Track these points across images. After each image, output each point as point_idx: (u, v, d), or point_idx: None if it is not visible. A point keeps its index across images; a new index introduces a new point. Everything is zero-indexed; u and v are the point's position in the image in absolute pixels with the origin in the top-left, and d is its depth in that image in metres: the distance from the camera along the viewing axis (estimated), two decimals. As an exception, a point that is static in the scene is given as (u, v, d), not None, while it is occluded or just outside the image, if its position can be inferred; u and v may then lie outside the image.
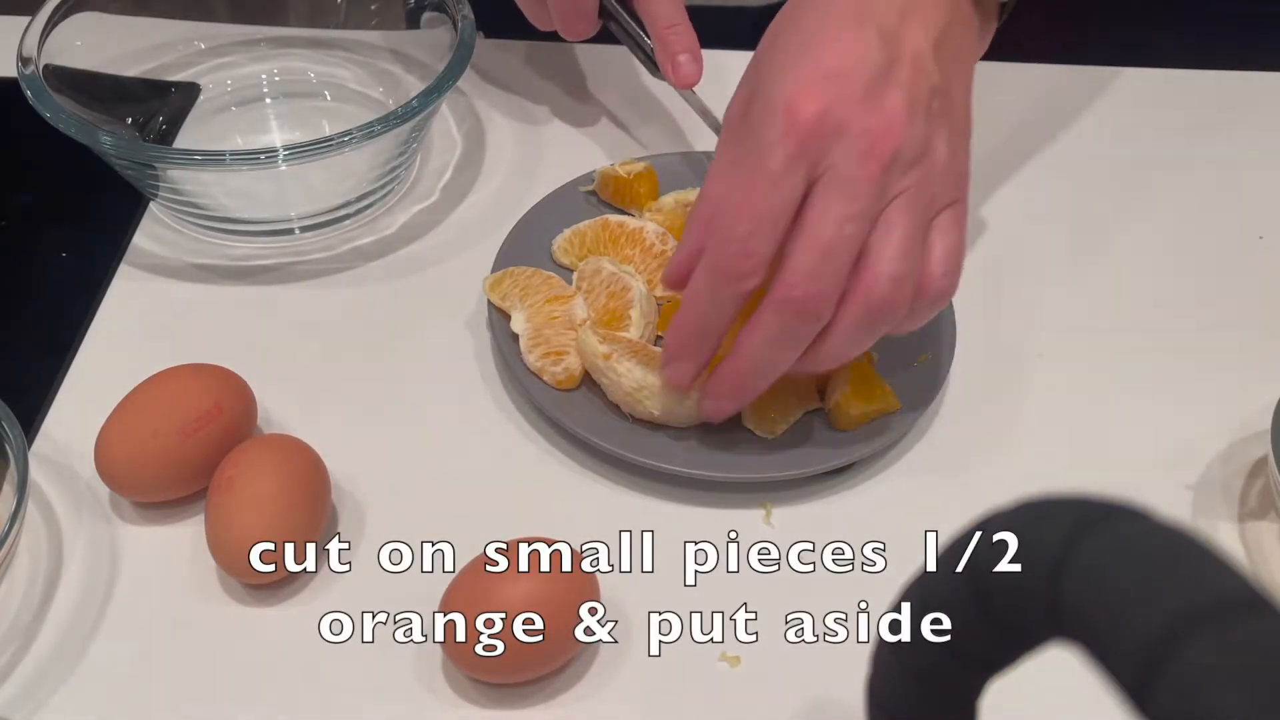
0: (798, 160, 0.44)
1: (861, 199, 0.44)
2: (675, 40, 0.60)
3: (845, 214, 0.44)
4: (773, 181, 0.44)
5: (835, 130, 0.44)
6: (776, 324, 0.45)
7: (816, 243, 0.44)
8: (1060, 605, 0.23)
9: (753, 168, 0.45)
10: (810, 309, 0.45)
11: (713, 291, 0.46)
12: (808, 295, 0.44)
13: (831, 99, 0.44)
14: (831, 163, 0.44)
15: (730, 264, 0.45)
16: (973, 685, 0.28)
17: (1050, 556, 0.23)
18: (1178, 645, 0.20)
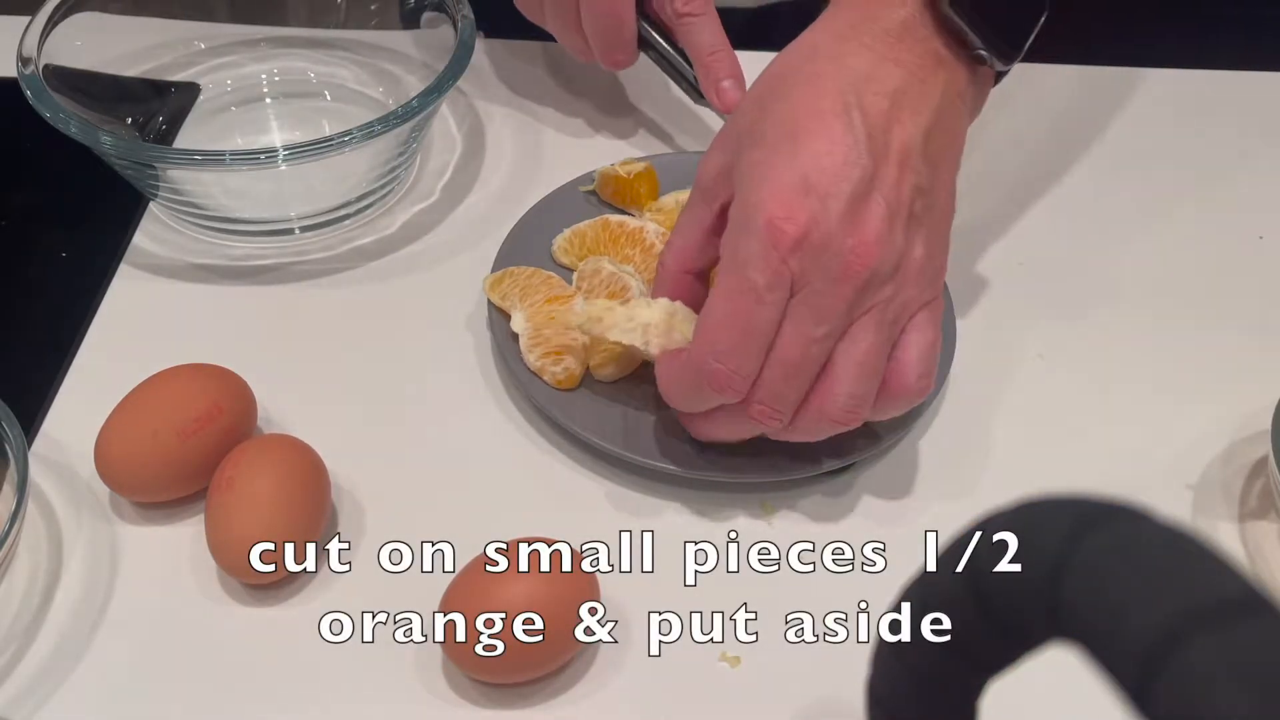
0: (779, 279, 0.45)
1: (830, 320, 0.45)
2: (719, 66, 0.61)
3: (812, 336, 0.45)
4: (758, 298, 0.45)
5: (816, 250, 0.45)
6: (731, 418, 0.48)
7: (784, 365, 0.46)
8: (1060, 605, 0.23)
9: (738, 282, 0.45)
10: (766, 420, 0.47)
11: (694, 389, 0.48)
12: (764, 412, 0.47)
13: (812, 216, 0.45)
14: (808, 281, 0.45)
15: (716, 382, 0.46)
16: (973, 685, 0.28)
17: (1050, 556, 0.23)
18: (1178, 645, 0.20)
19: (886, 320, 0.46)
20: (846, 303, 0.45)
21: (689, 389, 0.48)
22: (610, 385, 0.54)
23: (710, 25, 0.61)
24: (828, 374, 0.46)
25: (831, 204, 0.45)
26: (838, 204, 0.45)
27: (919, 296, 0.48)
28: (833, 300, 0.45)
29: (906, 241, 0.46)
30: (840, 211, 0.45)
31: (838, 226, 0.45)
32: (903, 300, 0.47)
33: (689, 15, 0.61)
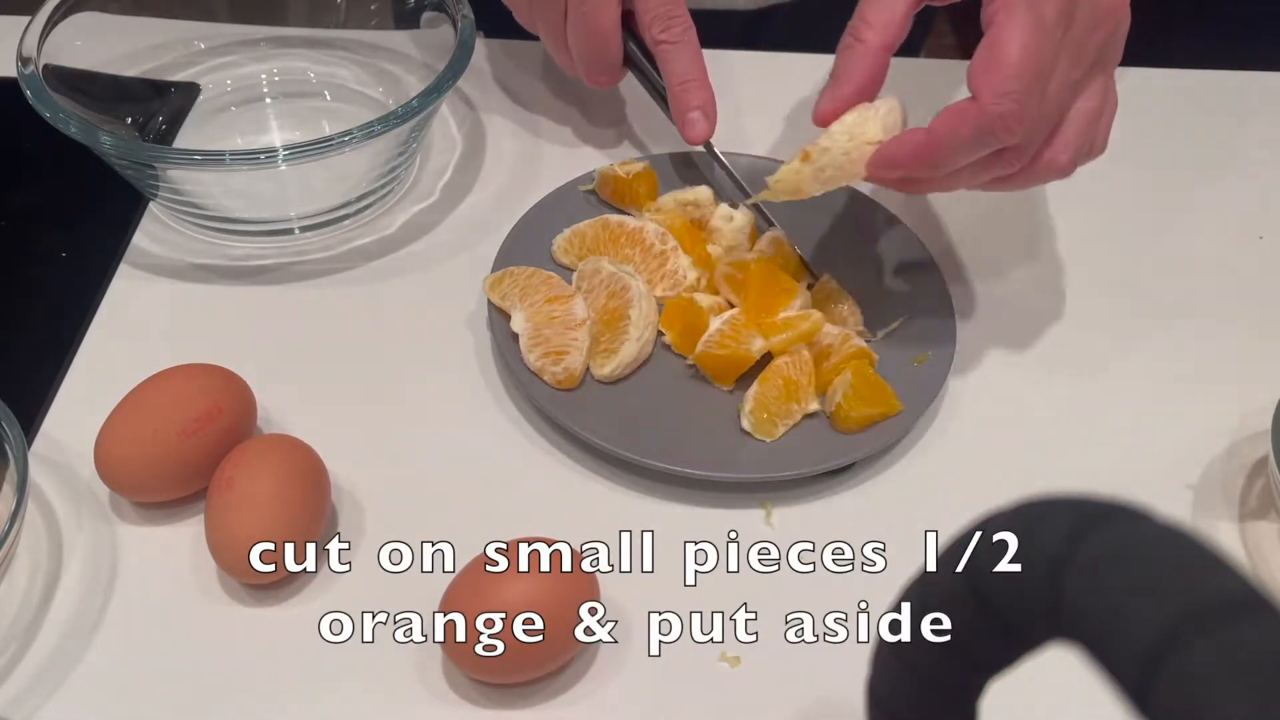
0: (1064, 13, 0.47)
1: (1085, 65, 0.49)
2: (688, 97, 0.60)
3: (1071, 79, 0.48)
4: (1048, 33, 0.47)
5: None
6: (977, 168, 0.49)
7: (1050, 103, 0.48)
8: (1060, 605, 0.23)
9: (1035, 18, 0.46)
10: (1014, 161, 0.49)
11: (970, 140, 0.47)
12: (1019, 152, 0.48)
13: None
14: (1075, 19, 0.48)
15: (1008, 121, 0.46)
16: (973, 685, 0.28)
17: (1050, 556, 0.23)
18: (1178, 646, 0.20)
19: (1110, 83, 0.51)
20: (1099, 50, 0.49)
21: (969, 138, 0.47)
22: (610, 385, 0.54)
23: (685, 54, 0.60)
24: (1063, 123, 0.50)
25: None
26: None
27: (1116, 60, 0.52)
28: (1091, 44, 0.49)
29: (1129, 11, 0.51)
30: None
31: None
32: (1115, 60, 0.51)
33: (665, 43, 0.61)
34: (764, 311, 0.55)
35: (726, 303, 0.56)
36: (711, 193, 0.61)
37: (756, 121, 0.70)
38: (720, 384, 0.55)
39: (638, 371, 0.55)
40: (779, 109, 0.71)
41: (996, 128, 0.46)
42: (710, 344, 0.54)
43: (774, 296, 0.55)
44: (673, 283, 0.58)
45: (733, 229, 0.59)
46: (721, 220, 0.60)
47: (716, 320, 0.54)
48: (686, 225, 0.60)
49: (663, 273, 0.58)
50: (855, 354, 0.54)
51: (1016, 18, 0.46)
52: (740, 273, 0.56)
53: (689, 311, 0.55)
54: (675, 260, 0.58)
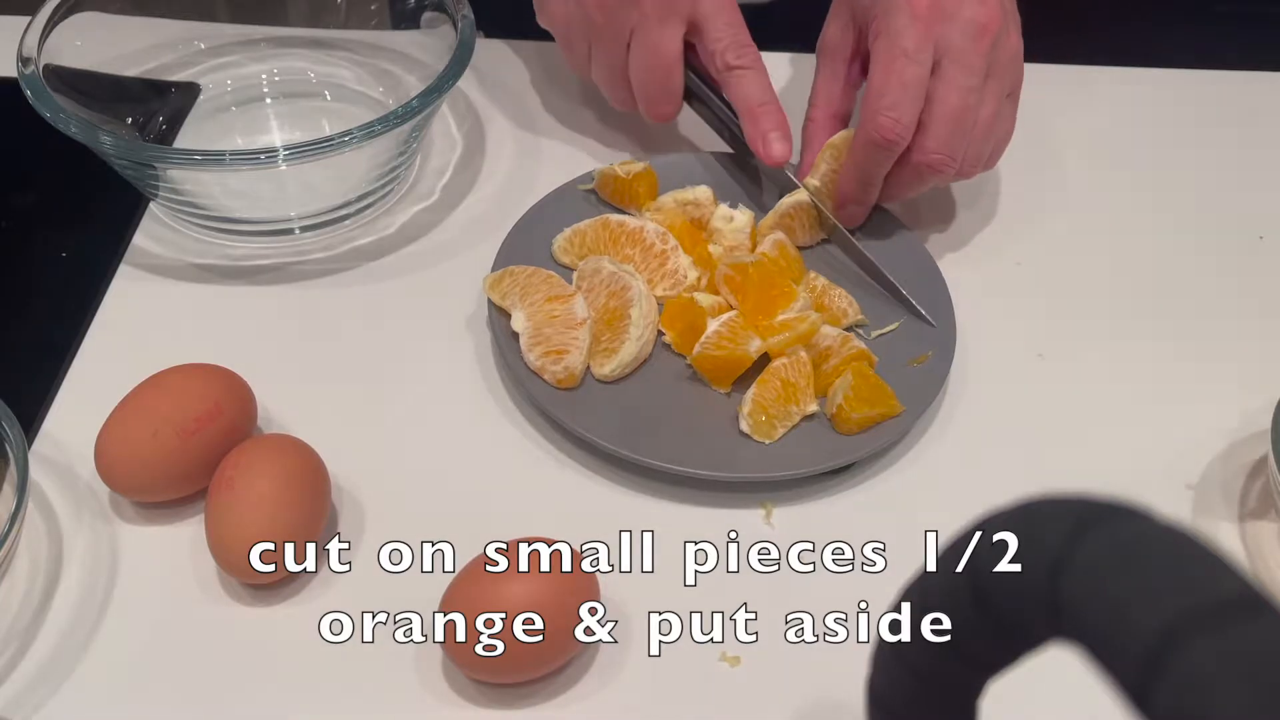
0: (925, 41, 0.56)
1: (976, 74, 0.56)
2: (766, 119, 0.61)
3: (966, 85, 0.56)
4: (909, 58, 0.56)
5: (950, 15, 0.56)
6: (915, 179, 0.58)
7: (948, 112, 0.56)
8: (1060, 605, 0.23)
9: (891, 49, 0.56)
10: (943, 167, 0.57)
11: (869, 155, 0.57)
12: (941, 160, 0.57)
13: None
14: (950, 42, 0.56)
15: (882, 131, 0.56)
16: (973, 685, 0.28)
17: (1050, 556, 0.23)
18: (1178, 645, 0.20)
19: (1004, 90, 0.58)
20: (984, 59, 0.56)
21: (864, 155, 0.57)
22: (610, 385, 0.54)
23: (759, 79, 0.61)
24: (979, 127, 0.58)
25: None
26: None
27: (1011, 81, 0.59)
28: (974, 56, 0.56)
29: (1007, 25, 0.58)
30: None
31: (962, 2, 0.56)
32: (1011, 76, 0.59)
33: (739, 68, 0.61)
34: (763, 313, 0.55)
35: (727, 303, 0.56)
36: (711, 192, 0.61)
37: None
38: (717, 386, 0.54)
39: (638, 371, 0.55)
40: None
41: (879, 134, 0.56)
42: (707, 345, 0.53)
43: (773, 299, 0.55)
44: (673, 282, 0.58)
45: (733, 229, 0.59)
46: (722, 221, 0.60)
47: (714, 322, 0.54)
48: (686, 225, 0.60)
49: (663, 272, 0.58)
50: (855, 355, 0.54)
51: (877, 59, 0.57)
52: (739, 275, 0.56)
53: (689, 311, 0.55)
54: (675, 260, 0.58)
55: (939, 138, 0.56)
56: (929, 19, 0.56)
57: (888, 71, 0.56)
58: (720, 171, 0.64)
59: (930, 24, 0.56)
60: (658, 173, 0.62)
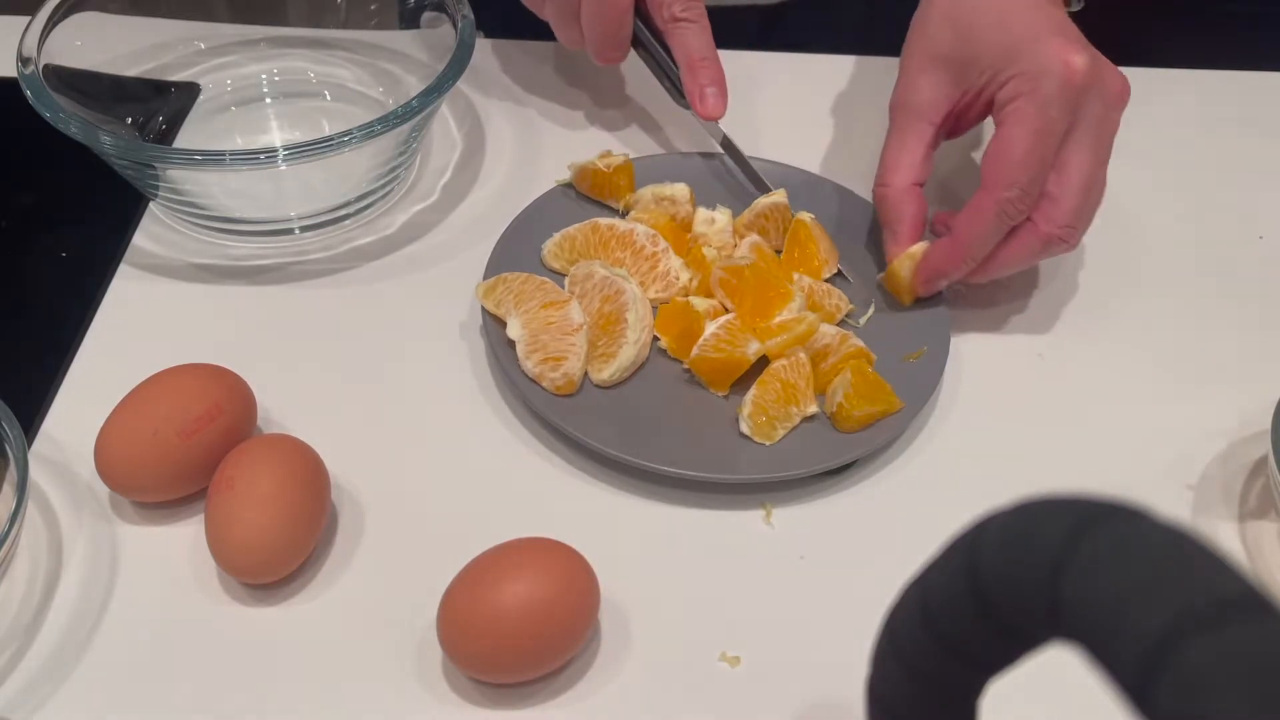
0: (1070, 112, 0.53)
1: (1109, 144, 0.55)
2: (704, 73, 0.62)
3: (1101, 158, 0.55)
4: (1054, 132, 0.53)
5: (1094, 83, 0.54)
6: (1042, 251, 0.55)
7: (1086, 186, 0.54)
8: (1060, 605, 0.23)
9: (1042, 121, 0.53)
10: (1071, 239, 0.55)
11: (992, 225, 0.54)
12: (1071, 232, 0.55)
13: (1088, 57, 0.53)
14: (1091, 110, 0.54)
15: (1018, 206, 0.54)
16: (973, 685, 0.28)
17: (1050, 556, 0.23)
18: (1178, 645, 0.20)
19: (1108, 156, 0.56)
20: (1116, 127, 0.55)
21: (987, 226, 0.54)
22: (608, 389, 0.54)
23: (701, 33, 0.62)
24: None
25: (1089, 50, 0.54)
26: (1091, 50, 0.54)
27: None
28: (1110, 125, 0.55)
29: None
30: (1095, 54, 0.54)
31: (1102, 66, 0.54)
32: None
33: (684, 20, 0.62)
34: (760, 316, 0.55)
35: (722, 306, 0.56)
36: (689, 190, 0.61)
37: (772, 123, 0.69)
38: (715, 389, 0.54)
39: (635, 375, 0.55)
40: (795, 110, 0.71)
41: (1009, 209, 0.53)
42: (705, 348, 0.53)
43: (769, 300, 0.55)
44: (665, 284, 0.58)
45: (716, 231, 0.60)
46: (704, 224, 0.60)
47: (712, 325, 0.54)
48: (672, 225, 0.60)
49: (654, 275, 0.58)
50: (853, 354, 0.54)
51: (1019, 126, 0.53)
52: (735, 278, 0.56)
53: (685, 315, 0.55)
54: (667, 262, 0.58)
55: (1071, 210, 0.54)
56: (1080, 90, 0.53)
57: (1030, 145, 0.53)
58: (699, 172, 0.64)
59: (1082, 92, 0.53)
60: (636, 172, 0.62)
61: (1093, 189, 0.55)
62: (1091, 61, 0.53)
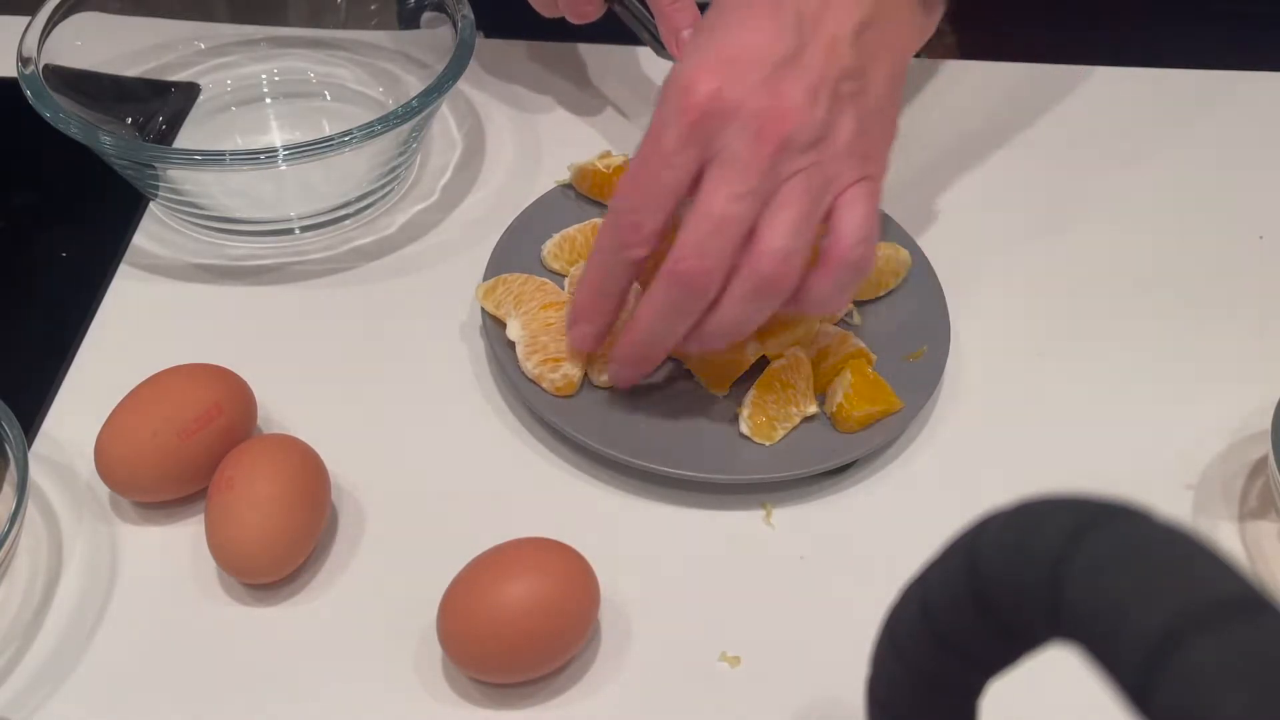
0: (690, 139, 0.46)
1: (752, 178, 0.46)
2: (679, 16, 0.60)
3: (734, 192, 0.46)
4: (665, 158, 0.47)
5: (729, 111, 0.46)
6: (664, 296, 0.47)
7: (705, 218, 0.46)
8: (1060, 605, 0.23)
9: (650, 145, 0.47)
10: (696, 283, 0.46)
11: (605, 259, 0.49)
12: (693, 270, 0.46)
13: (727, 81, 0.46)
14: (724, 143, 0.46)
15: (620, 235, 0.48)
16: (973, 685, 0.28)
17: (1050, 556, 0.23)
18: (1178, 645, 0.20)
19: (813, 187, 0.47)
20: (767, 163, 0.46)
21: (602, 260, 0.49)
22: (608, 390, 0.54)
23: None
24: (754, 236, 0.46)
25: (749, 73, 0.46)
26: (756, 73, 0.46)
27: (850, 171, 0.48)
28: (752, 160, 0.46)
29: (830, 116, 0.47)
30: (757, 80, 0.46)
31: (753, 92, 0.46)
32: (830, 172, 0.47)
33: None
34: None
35: None
36: None
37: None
38: (715, 389, 0.54)
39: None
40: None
41: (619, 235, 0.48)
42: None
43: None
44: None
45: None
46: None
47: None
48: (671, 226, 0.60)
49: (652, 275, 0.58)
50: (853, 354, 0.54)
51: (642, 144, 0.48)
52: None
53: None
54: None
55: (688, 243, 0.46)
56: (702, 116, 0.46)
57: (636, 170, 0.48)
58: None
59: (701, 121, 0.46)
60: None
61: (725, 224, 0.46)
62: (735, 82, 0.46)
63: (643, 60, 0.65)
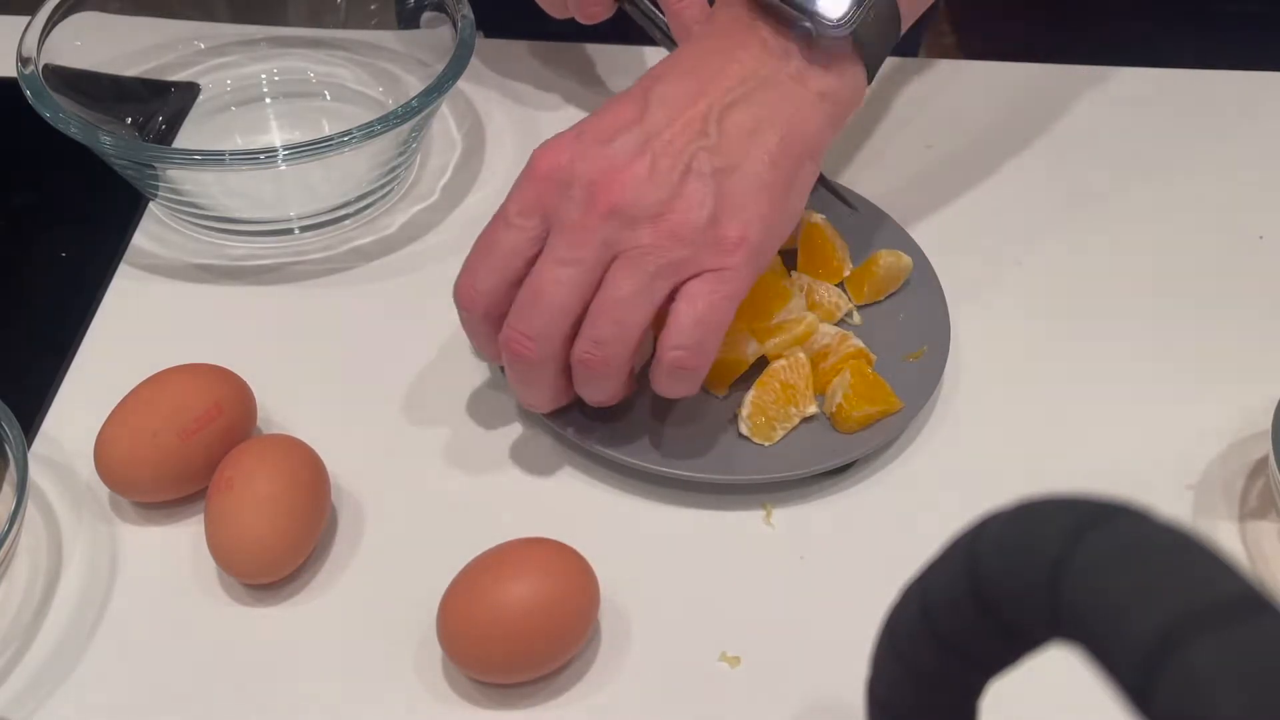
0: (532, 205, 0.47)
1: (579, 249, 0.46)
2: (689, 11, 0.60)
3: (558, 258, 0.46)
4: (506, 221, 0.48)
5: (567, 181, 0.47)
6: (509, 362, 0.48)
7: (528, 287, 0.47)
8: (1060, 605, 0.23)
9: (497, 212, 0.49)
10: (520, 352, 0.47)
11: (461, 319, 0.51)
12: (514, 338, 0.47)
13: (574, 153, 0.47)
14: (562, 211, 0.47)
15: (457, 294, 0.50)
16: (973, 685, 0.28)
17: (1050, 556, 0.23)
18: (1178, 646, 0.20)
19: (645, 269, 0.46)
20: (596, 234, 0.46)
21: (459, 312, 0.50)
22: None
23: None
24: (586, 315, 0.47)
25: (594, 144, 0.47)
26: (601, 145, 0.47)
27: (695, 259, 0.46)
28: (581, 228, 0.46)
29: (678, 192, 0.46)
30: (600, 151, 0.47)
31: (594, 161, 0.46)
32: (671, 257, 0.46)
33: None
34: (758, 316, 0.55)
35: None
36: None
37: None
38: (714, 390, 0.54)
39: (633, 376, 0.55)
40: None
41: (456, 296, 0.50)
42: None
43: (768, 301, 0.55)
44: None
45: None
46: None
47: None
48: None
49: None
50: (853, 354, 0.54)
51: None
52: None
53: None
54: None
55: (515, 312, 0.47)
56: (541, 178, 0.47)
57: (484, 233, 0.49)
58: None
59: (541, 188, 0.47)
60: None
61: (544, 295, 0.46)
62: (580, 154, 0.47)
63: (644, 60, 0.65)
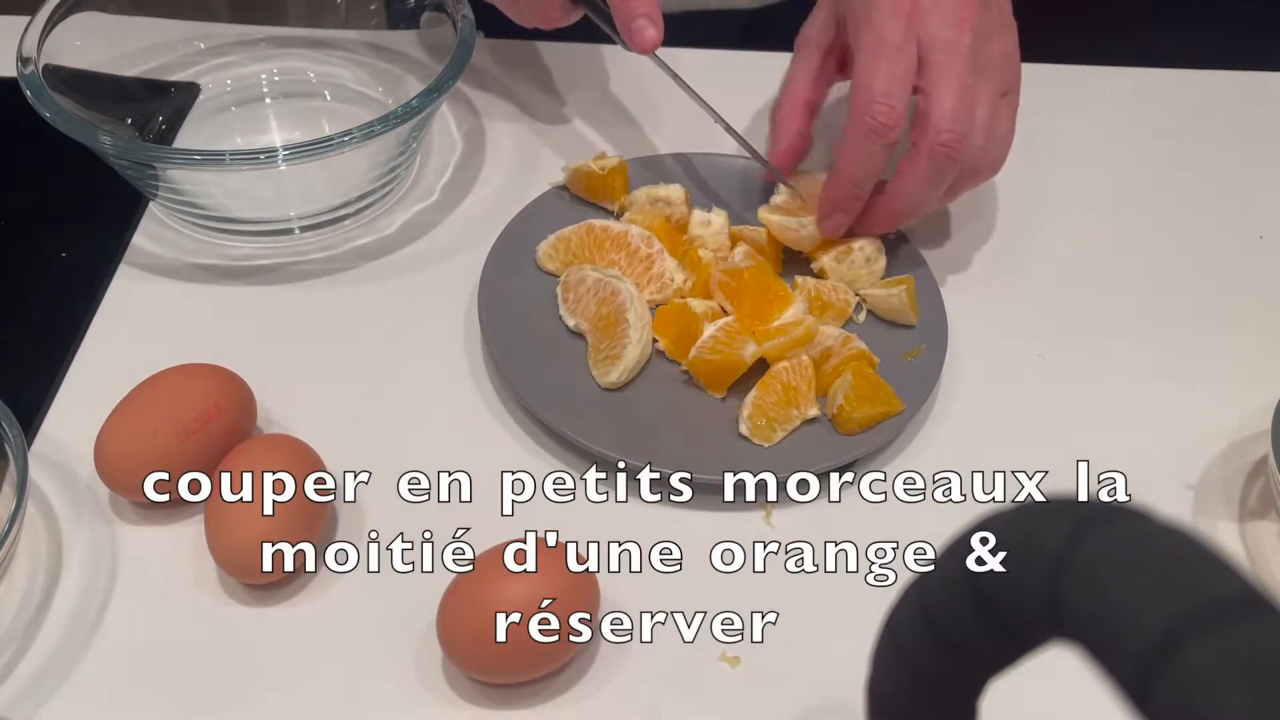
0: (908, 33, 0.55)
1: (966, 59, 0.55)
2: (632, 5, 0.58)
3: (962, 71, 0.55)
4: (896, 49, 0.55)
5: (929, 9, 0.55)
6: (931, 167, 0.55)
7: (955, 91, 0.55)
8: (1060, 605, 0.23)
9: (878, 41, 0.55)
10: (955, 146, 0.54)
11: (863, 150, 0.55)
12: (953, 137, 0.54)
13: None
14: (935, 34, 0.55)
15: (879, 120, 0.54)
16: (973, 685, 0.28)
17: (1050, 557, 0.23)
18: (1178, 646, 0.20)
19: (996, 90, 0.56)
20: (970, 49, 0.55)
21: (859, 150, 0.55)
22: (609, 392, 0.54)
23: None
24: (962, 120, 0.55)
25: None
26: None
27: (1008, 80, 0.58)
28: (960, 45, 0.55)
29: (992, 26, 0.57)
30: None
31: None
32: (1003, 78, 0.57)
33: None
34: (759, 318, 0.55)
35: (720, 308, 0.56)
36: (683, 191, 0.61)
37: (757, 122, 0.70)
38: (713, 391, 0.54)
39: (638, 377, 0.55)
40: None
41: (874, 120, 0.55)
42: (703, 349, 0.53)
43: (769, 303, 0.55)
44: (660, 286, 0.58)
45: (713, 233, 0.59)
46: (700, 226, 0.60)
47: (710, 326, 0.54)
48: (667, 227, 0.60)
49: (649, 276, 0.58)
50: (855, 356, 0.54)
51: (861, 50, 0.56)
52: (734, 280, 0.56)
53: (683, 317, 0.55)
54: (662, 263, 0.58)
55: (945, 115, 0.54)
56: (910, 14, 0.55)
57: (875, 62, 0.55)
58: (694, 173, 0.64)
59: (911, 17, 0.55)
60: (632, 173, 0.62)
61: (964, 97, 0.55)
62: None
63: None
